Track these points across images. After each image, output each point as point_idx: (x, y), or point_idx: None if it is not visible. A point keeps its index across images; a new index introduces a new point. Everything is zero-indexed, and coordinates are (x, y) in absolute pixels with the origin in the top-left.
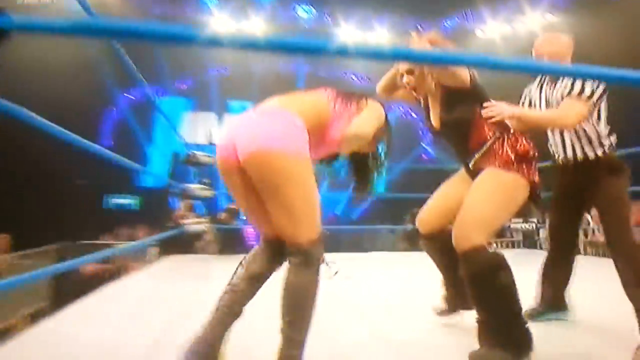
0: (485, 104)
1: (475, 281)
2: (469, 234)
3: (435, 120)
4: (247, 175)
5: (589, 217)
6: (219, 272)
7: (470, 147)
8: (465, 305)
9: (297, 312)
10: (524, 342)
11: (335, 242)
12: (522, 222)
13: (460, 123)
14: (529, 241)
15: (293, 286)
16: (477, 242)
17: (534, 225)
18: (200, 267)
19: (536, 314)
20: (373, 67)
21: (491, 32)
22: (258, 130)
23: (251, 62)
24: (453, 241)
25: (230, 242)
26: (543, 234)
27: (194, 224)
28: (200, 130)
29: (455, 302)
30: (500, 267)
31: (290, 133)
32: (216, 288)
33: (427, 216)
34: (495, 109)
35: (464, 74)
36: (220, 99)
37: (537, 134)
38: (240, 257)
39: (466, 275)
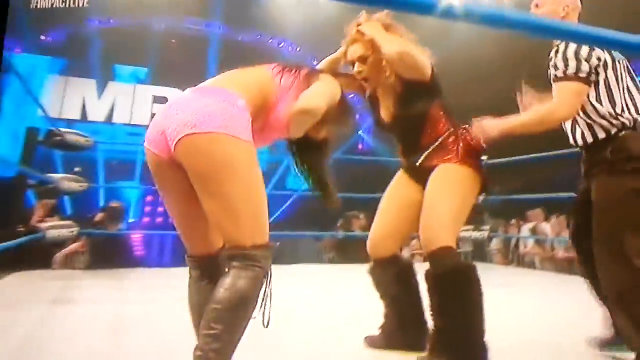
0: (469, 126)
1: (440, 283)
2: (438, 234)
3: (385, 114)
4: (182, 171)
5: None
6: (86, 293)
7: (422, 144)
8: (407, 345)
9: (227, 325)
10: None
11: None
12: (473, 231)
13: (415, 118)
14: (479, 253)
15: (230, 291)
16: (447, 243)
17: (485, 235)
18: (61, 287)
19: (607, 344)
20: (306, 34)
21: None
22: (191, 111)
23: (149, 15)
24: (422, 244)
25: (107, 252)
26: (495, 244)
27: (56, 228)
28: (73, 101)
29: (394, 337)
30: (471, 273)
31: (230, 114)
32: (81, 316)
33: (381, 238)
34: (480, 130)
35: (427, 66)
36: (104, 61)
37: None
38: (121, 272)
39: (432, 277)
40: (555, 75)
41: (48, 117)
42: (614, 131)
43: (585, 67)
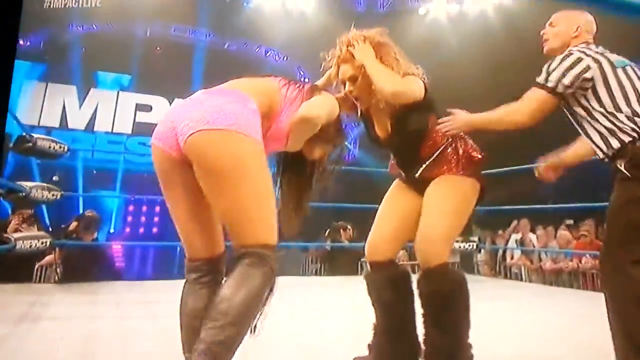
0: (441, 119)
1: (437, 299)
2: (437, 249)
3: (380, 130)
4: (190, 170)
5: (515, 236)
6: (56, 309)
7: (420, 157)
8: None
9: (234, 318)
10: None
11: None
12: (462, 242)
13: (412, 134)
14: (467, 264)
15: (239, 285)
16: (445, 258)
17: (474, 246)
18: (30, 302)
19: None
20: (293, 44)
21: (436, 11)
22: (203, 108)
23: (133, 22)
24: (418, 257)
25: (81, 265)
26: (481, 257)
27: (27, 239)
28: (53, 108)
29: (384, 354)
30: (464, 287)
31: (242, 113)
32: (49, 334)
33: (380, 242)
34: (450, 123)
35: (420, 93)
36: (86, 68)
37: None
38: (95, 286)
39: (428, 292)
40: (536, 82)
41: (20, 124)
42: (627, 140)
43: (554, 76)
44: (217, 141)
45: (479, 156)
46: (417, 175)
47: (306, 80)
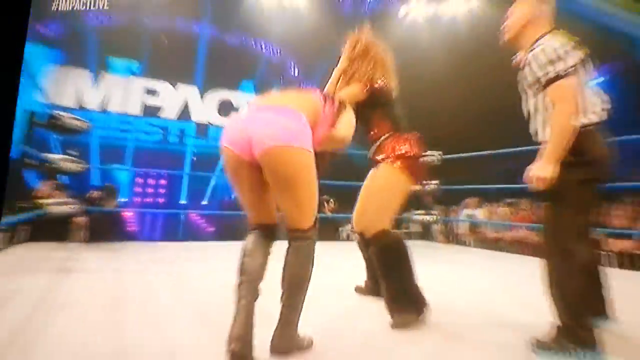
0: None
1: (381, 257)
2: (371, 221)
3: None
4: (257, 169)
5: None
6: (87, 263)
7: (370, 139)
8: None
9: (299, 289)
10: (421, 302)
11: (230, 230)
12: (424, 214)
13: (363, 119)
14: (427, 233)
15: (294, 266)
16: (381, 227)
17: (435, 218)
18: (62, 258)
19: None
20: (289, 39)
21: (415, 13)
22: (278, 128)
23: (142, 14)
24: (357, 230)
25: (104, 227)
26: (437, 227)
27: (58, 204)
28: (69, 89)
29: (373, 288)
30: (400, 244)
31: (305, 132)
32: (77, 283)
33: (357, 218)
34: (534, 178)
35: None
36: (99, 54)
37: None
38: (116, 245)
39: (374, 253)
40: (547, 77)
41: (47, 102)
42: None
43: (560, 65)
44: (287, 155)
45: (407, 151)
46: (368, 157)
47: (297, 73)
